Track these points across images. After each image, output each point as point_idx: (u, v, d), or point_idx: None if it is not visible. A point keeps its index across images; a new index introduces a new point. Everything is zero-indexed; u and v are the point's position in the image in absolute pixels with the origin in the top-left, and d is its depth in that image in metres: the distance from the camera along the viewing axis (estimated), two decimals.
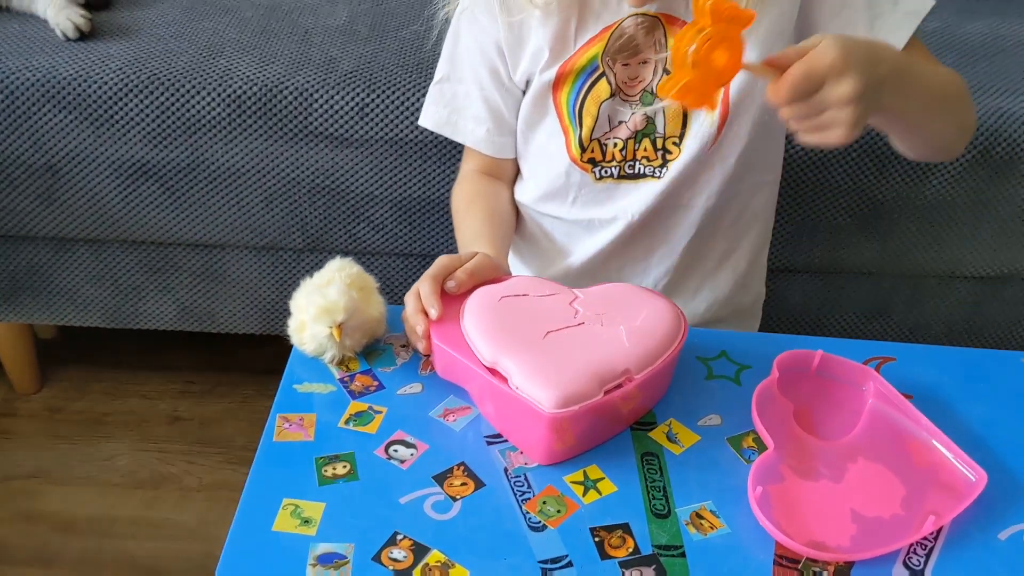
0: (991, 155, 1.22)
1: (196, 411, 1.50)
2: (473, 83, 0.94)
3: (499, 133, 0.95)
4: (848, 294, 1.36)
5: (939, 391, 0.81)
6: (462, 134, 0.96)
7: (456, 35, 0.94)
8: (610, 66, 0.88)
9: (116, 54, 1.20)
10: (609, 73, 0.88)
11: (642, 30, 0.86)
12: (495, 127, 0.95)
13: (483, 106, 0.94)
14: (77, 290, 1.36)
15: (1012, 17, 1.46)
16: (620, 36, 0.87)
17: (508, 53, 0.91)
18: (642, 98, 0.89)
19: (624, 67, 0.88)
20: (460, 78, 0.95)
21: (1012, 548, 0.68)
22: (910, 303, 1.37)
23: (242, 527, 0.66)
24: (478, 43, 0.92)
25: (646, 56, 0.88)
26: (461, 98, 0.95)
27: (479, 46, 0.92)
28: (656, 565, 0.65)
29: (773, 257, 1.26)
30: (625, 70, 0.88)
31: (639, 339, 0.75)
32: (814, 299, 1.36)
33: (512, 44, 0.90)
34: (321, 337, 0.78)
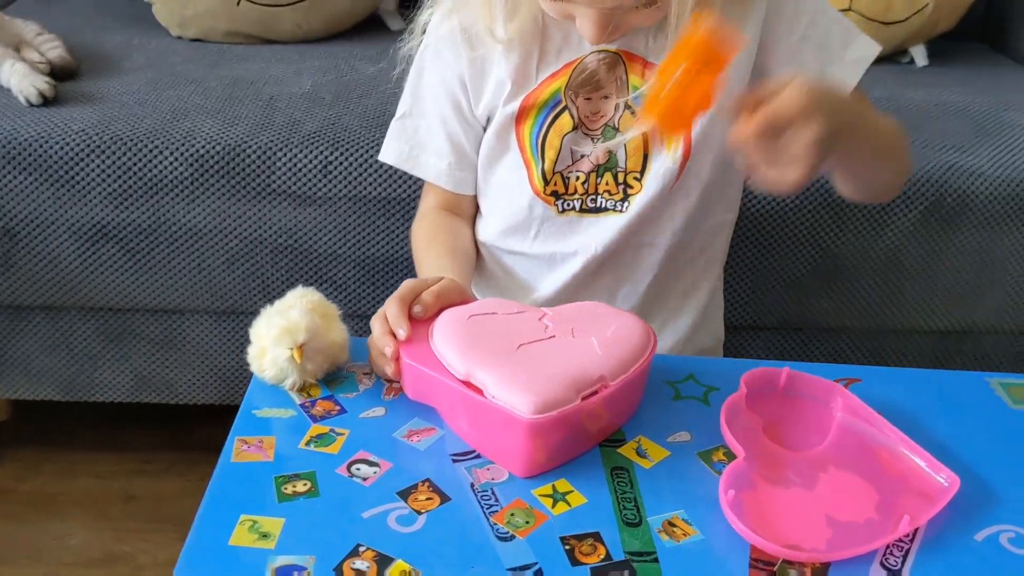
0: (941, 207, 1.26)
1: (152, 489, 1.45)
2: (436, 117, 0.96)
3: (460, 168, 0.97)
4: (809, 351, 1.37)
5: (906, 408, 0.81)
6: (423, 168, 0.97)
7: (419, 71, 0.96)
8: (572, 100, 0.90)
9: (79, 118, 1.21)
10: (572, 107, 0.91)
11: (604, 66, 0.89)
12: (456, 161, 0.96)
13: (445, 141, 0.96)
14: (31, 361, 1.33)
15: (951, 87, 1.54)
16: (582, 71, 0.90)
17: (471, 87, 0.93)
18: (604, 132, 0.91)
19: (586, 101, 0.90)
20: (422, 113, 0.97)
21: (988, 548, 0.67)
22: (871, 360, 1.38)
23: (196, 542, 0.64)
24: (441, 78, 0.94)
25: (608, 91, 0.90)
26: (423, 133, 0.97)
27: (442, 80, 0.94)
28: (629, 570, 0.63)
29: (733, 314, 1.28)
30: (587, 104, 0.90)
31: (611, 349, 0.75)
32: (775, 357, 1.37)
33: (475, 78, 0.92)
34: (282, 361, 0.76)
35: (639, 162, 0.92)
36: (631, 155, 0.92)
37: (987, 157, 1.29)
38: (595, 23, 0.81)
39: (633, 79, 0.89)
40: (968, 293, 1.33)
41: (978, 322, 1.36)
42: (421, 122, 0.97)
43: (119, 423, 1.57)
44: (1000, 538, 0.68)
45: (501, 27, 0.87)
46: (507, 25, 0.87)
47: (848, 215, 1.25)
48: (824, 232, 1.26)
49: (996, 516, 0.70)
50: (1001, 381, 0.86)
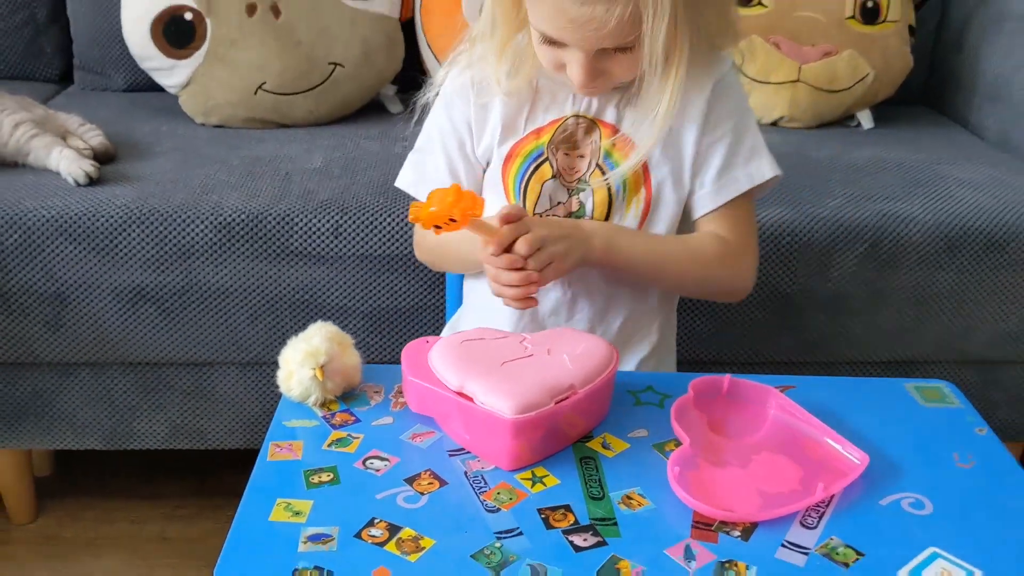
0: (879, 250, 1.42)
1: (183, 532, 1.59)
2: (441, 154, 1.10)
3: None
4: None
5: (832, 408, 0.94)
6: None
7: (435, 114, 1.11)
8: (554, 153, 1.06)
9: (119, 195, 1.39)
10: (552, 159, 1.06)
11: (581, 129, 1.06)
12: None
13: (447, 174, 1.10)
14: (76, 413, 1.48)
15: (892, 146, 1.72)
16: (564, 131, 1.06)
17: (475, 129, 1.08)
18: (578, 184, 1.08)
19: (565, 156, 1.06)
20: (431, 150, 1.11)
21: (891, 510, 0.81)
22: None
23: (243, 519, 0.78)
24: (451, 120, 1.09)
25: (583, 151, 1.06)
26: (430, 167, 1.11)
27: (451, 122, 1.09)
28: (593, 531, 0.77)
29: (694, 351, 1.42)
30: (566, 159, 1.07)
31: (580, 363, 0.89)
32: None
33: (479, 122, 1.08)
34: (306, 380, 0.92)
35: (603, 213, 1.08)
36: (597, 206, 1.07)
37: (919, 205, 1.46)
38: (583, 66, 0.95)
39: (604, 143, 1.06)
40: (910, 328, 1.48)
41: (920, 354, 1.50)
42: (429, 158, 1.11)
43: (151, 473, 1.71)
44: (902, 503, 0.82)
45: (505, 80, 1.04)
46: (510, 80, 1.04)
47: (795, 259, 1.41)
48: (774, 274, 1.41)
49: (900, 486, 0.84)
50: (915, 385, 1.01)
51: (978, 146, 1.76)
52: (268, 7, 1.73)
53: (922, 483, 0.85)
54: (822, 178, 1.55)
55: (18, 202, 1.35)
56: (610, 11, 0.90)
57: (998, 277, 1.45)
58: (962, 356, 1.51)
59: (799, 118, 1.80)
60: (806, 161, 1.63)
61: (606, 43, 0.94)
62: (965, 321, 1.48)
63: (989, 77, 1.80)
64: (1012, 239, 1.43)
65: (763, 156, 1.08)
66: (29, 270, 1.35)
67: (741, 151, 1.07)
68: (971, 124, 1.87)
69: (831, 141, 1.73)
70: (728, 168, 1.07)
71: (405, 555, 0.74)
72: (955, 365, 1.53)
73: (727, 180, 1.07)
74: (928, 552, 0.77)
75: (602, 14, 0.90)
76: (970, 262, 1.43)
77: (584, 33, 0.93)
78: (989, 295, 1.46)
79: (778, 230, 1.40)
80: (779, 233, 1.40)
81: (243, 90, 1.72)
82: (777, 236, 1.40)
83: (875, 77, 1.79)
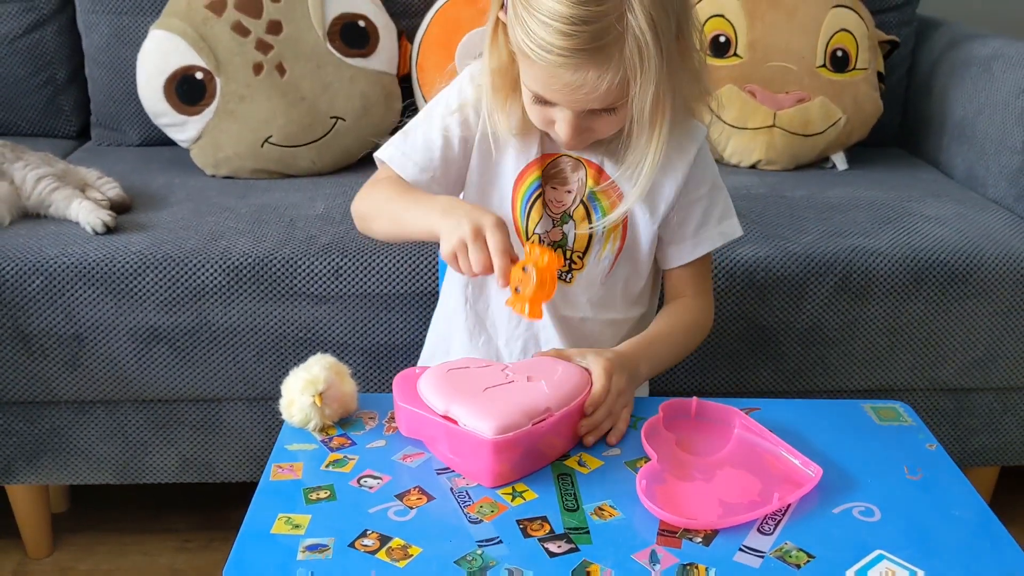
0: (849, 284, 1.50)
1: (193, 563, 1.66)
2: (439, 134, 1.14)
3: (437, 183, 1.14)
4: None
5: (793, 428, 1.02)
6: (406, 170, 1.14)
7: (445, 103, 1.15)
8: (544, 184, 1.15)
9: (135, 241, 1.48)
10: (543, 190, 1.15)
11: (569, 167, 1.15)
12: (439, 176, 1.14)
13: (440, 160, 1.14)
14: (91, 449, 1.56)
15: (864, 186, 1.80)
16: (555, 166, 1.15)
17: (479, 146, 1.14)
18: (562, 217, 1.16)
19: (553, 190, 1.15)
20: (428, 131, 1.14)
21: (843, 518, 0.89)
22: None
23: (247, 531, 0.85)
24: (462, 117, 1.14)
25: (570, 187, 1.15)
26: (420, 147, 1.14)
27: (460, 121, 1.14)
28: (567, 539, 0.84)
29: (675, 382, 1.48)
30: (554, 192, 1.15)
31: (556, 389, 0.97)
32: None
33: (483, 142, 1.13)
34: (306, 407, 1.00)
35: (583, 245, 1.17)
36: (578, 239, 1.16)
37: (887, 240, 1.54)
38: (570, 124, 1.02)
39: (589, 182, 1.14)
40: (883, 356, 1.55)
41: (894, 382, 1.57)
42: (419, 140, 1.14)
43: (163, 508, 1.78)
44: (853, 511, 0.90)
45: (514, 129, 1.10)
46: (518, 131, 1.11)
47: (771, 292, 1.49)
48: (751, 307, 1.49)
49: (852, 496, 0.92)
50: (872, 406, 1.09)
51: (946, 184, 1.85)
52: (274, 66, 1.84)
53: (873, 493, 0.92)
54: (797, 216, 1.63)
55: (41, 250, 1.45)
56: (601, 77, 0.97)
57: (963, 307, 1.52)
58: (934, 384, 1.58)
59: (776, 161, 1.89)
60: (782, 201, 1.71)
61: (595, 105, 1.01)
62: (935, 350, 1.55)
63: (956, 119, 1.89)
64: (975, 271, 1.51)
65: (732, 217, 1.19)
66: (50, 313, 1.44)
67: (715, 212, 1.18)
68: (941, 164, 1.95)
69: (807, 182, 1.82)
70: (703, 227, 1.17)
71: (395, 562, 0.81)
72: (928, 393, 1.60)
73: (702, 237, 1.18)
74: (875, 554, 0.84)
75: (594, 80, 0.97)
76: (936, 293, 1.51)
77: (576, 96, 1.00)
78: (956, 324, 1.53)
79: (755, 265, 1.48)
80: (756, 268, 1.48)
81: (251, 143, 1.82)
82: (754, 270, 1.48)
83: (847, 121, 1.88)
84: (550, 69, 0.98)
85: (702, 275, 1.21)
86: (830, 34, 1.89)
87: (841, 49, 1.89)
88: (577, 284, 1.18)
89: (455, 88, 1.16)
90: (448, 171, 1.15)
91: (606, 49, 0.95)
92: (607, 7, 0.94)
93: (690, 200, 1.16)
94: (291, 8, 1.86)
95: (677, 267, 1.19)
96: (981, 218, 1.63)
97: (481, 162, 1.16)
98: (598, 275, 1.18)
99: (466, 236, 0.97)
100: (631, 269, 1.19)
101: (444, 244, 0.99)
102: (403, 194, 1.11)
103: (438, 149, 1.14)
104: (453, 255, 0.98)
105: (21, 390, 1.49)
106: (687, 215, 1.17)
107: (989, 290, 1.52)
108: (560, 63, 0.96)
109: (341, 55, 1.88)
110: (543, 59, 0.97)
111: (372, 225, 1.17)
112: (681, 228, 1.17)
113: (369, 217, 1.17)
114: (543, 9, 0.95)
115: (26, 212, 1.57)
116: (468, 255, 0.97)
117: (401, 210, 1.10)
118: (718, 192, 1.18)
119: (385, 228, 1.15)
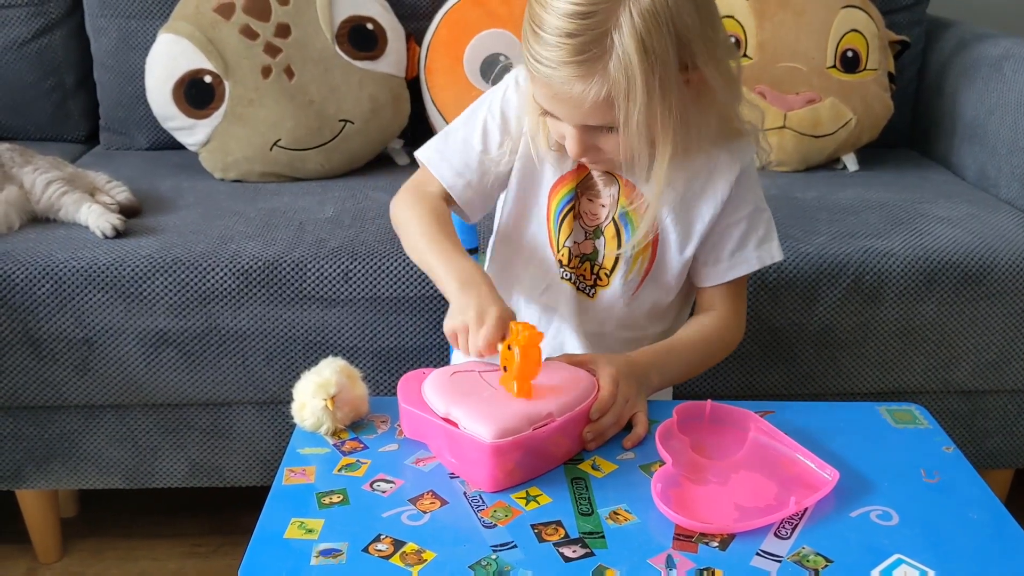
0: (862, 285, 1.49)
1: (202, 568, 1.65)
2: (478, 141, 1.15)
3: (472, 190, 1.15)
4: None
5: (808, 430, 1.01)
6: (443, 175, 1.15)
7: (489, 108, 1.15)
8: (579, 195, 1.15)
9: (144, 245, 1.47)
10: (578, 202, 1.15)
11: (602, 180, 1.14)
12: (475, 183, 1.15)
13: (477, 167, 1.15)
14: (101, 454, 1.55)
15: (876, 188, 1.79)
16: (589, 178, 1.15)
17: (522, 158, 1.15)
18: (594, 231, 1.16)
19: (589, 202, 1.15)
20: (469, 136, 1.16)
21: (860, 521, 0.88)
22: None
23: (260, 536, 0.85)
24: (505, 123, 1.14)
25: (604, 200, 1.15)
26: (458, 151, 1.16)
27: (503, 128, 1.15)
28: (582, 543, 0.84)
29: (687, 386, 1.46)
30: (589, 204, 1.15)
31: (560, 394, 0.96)
32: None
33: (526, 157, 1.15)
34: (318, 411, 0.99)
35: (611, 262, 1.16)
36: (607, 255, 1.16)
37: (900, 241, 1.53)
38: (574, 139, 1.03)
39: (622, 199, 1.13)
40: (896, 359, 1.54)
41: (908, 384, 1.56)
42: (459, 143, 1.16)
43: (171, 513, 1.78)
44: (870, 515, 0.89)
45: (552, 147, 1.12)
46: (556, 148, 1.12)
47: (781, 294, 1.48)
48: (764, 309, 1.49)
49: (869, 500, 0.91)
50: (887, 408, 1.08)
51: (958, 185, 1.84)
52: (282, 69, 1.83)
53: (890, 497, 0.92)
54: (808, 218, 1.62)
55: (50, 254, 1.45)
56: (585, 91, 0.98)
57: (977, 309, 1.51)
58: (948, 386, 1.57)
59: (786, 162, 1.88)
60: (793, 202, 1.70)
61: (588, 120, 1.01)
62: (948, 352, 1.54)
63: (967, 120, 1.88)
64: (988, 272, 1.50)
65: (773, 241, 1.18)
66: (60, 317, 1.44)
67: (754, 236, 1.16)
68: (952, 165, 1.94)
69: (817, 183, 1.81)
70: (741, 249, 1.16)
71: (409, 567, 0.80)
72: (942, 395, 1.59)
73: (739, 259, 1.16)
74: (893, 558, 0.83)
75: (579, 93, 0.98)
76: (949, 294, 1.50)
77: (566, 109, 1.02)
78: (969, 326, 1.52)
79: (767, 267, 1.47)
80: (767, 269, 1.47)
81: (259, 147, 1.82)
82: (765, 272, 1.47)
83: (857, 122, 1.87)
84: (542, 80, 1.00)
85: (735, 294, 1.20)
86: (840, 34, 1.88)
87: (851, 50, 1.88)
88: (600, 300, 1.18)
89: (500, 91, 1.17)
90: (484, 177, 1.16)
91: (588, 64, 0.96)
92: (593, 22, 0.95)
93: (729, 223, 1.15)
94: (299, 11, 1.86)
95: (710, 287, 1.19)
96: (994, 219, 1.62)
97: (523, 176, 1.16)
98: (623, 294, 1.17)
99: (470, 321, 0.99)
100: (658, 291, 1.19)
101: (449, 321, 1.02)
102: (435, 237, 1.11)
103: (476, 154, 1.15)
104: (454, 335, 1.01)
105: (31, 395, 1.49)
106: (724, 237, 1.15)
107: (1003, 291, 1.51)
108: (550, 75, 0.98)
109: (349, 58, 1.87)
110: (536, 69, 1.00)
111: (401, 238, 1.19)
112: (717, 250, 1.16)
113: (400, 231, 1.19)
114: (539, 21, 0.98)
115: (35, 216, 1.57)
116: (467, 338, 0.99)
117: (427, 253, 1.11)
118: (759, 215, 1.16)
119: (409, 252, 1.17)
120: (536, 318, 1.20)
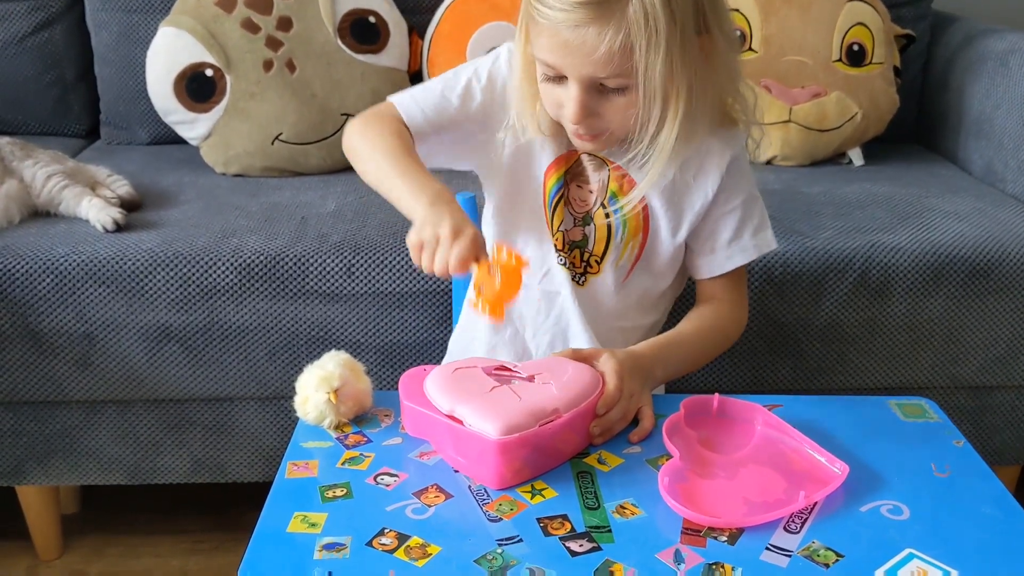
0: (868, 280, 1.48)
1: (204, 565, 1.64)
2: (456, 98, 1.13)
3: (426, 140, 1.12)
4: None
5: (817, 424, 1.00)
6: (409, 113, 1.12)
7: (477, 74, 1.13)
8: (569, 182, 1.13)
9: (146, 240, 1.46)
10: (567, 188, 1.13)
11: (591, 166, 1.13)
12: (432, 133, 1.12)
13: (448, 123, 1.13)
14: (102, 450, 1.54)
15: (881, 182, 1.78)
16: (579, 164, 1.13)
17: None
18: (584, 218, 1.14)
19: (578, 188, 1.13)
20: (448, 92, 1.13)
21: (870, 516, 0.87)
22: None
23: (262, 530, 0.84)
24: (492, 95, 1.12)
25: (592, 187, 1.13)
26: (432, 103, 1.13)
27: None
28: (589, 538, 0.83)
29: (693, 380, 1.46)
30: (578, 191, 1.13)
31: (565, 389, 0.94)
32: None
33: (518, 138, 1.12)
34: (321, 404, 0.98)
35: (601, 249, 1.15)
36: (598, 241, 1.14)
37: (906, 236, 1.52)
38: (577, 100, 0.99)
39: (612, 184, 1.12)
40: (903, 354, 1.53)
41: (915, 380, 1.55)
42: (436, 95, 1.13)
43: (174, 509, 1.77)
44: (881, 509, 0.87)
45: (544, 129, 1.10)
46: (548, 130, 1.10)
47: (788, 288, 1.47)
48: (770, 304, 1.47)
49: (879, 495, 0.89)
50: (897, 402, 1.06)
51: (964, 180, 1.83)
52: (284, 63, 1.82)
53: (901, 491, 0.90)
54: (814, 212, 1.61)
55: (51, 248, 1.44)
56: (600, 35, 0.94)
57: (984, 304, 1.50)
58: (956, 381, 1.56)
59: (792, 156, 1.87)
60: (799, 196, 1.69)
61: (599, 72, 0.97)
62: (956, 347, 1.53)
63: (973, 114, 1.87)
64: (995, 267, 1.48)
65: (767, 229, 1.16)
66: (60, 312, 1.43)
67: (749, 225, 1.15)
68: (958, 159, 1.93)
69: (823, 178, 1.80)
70: (738, 238, 1.14)
71: (413, 561, 0.79)
72: (950, 391, 1.58)
73: (736, 248, 1.15)
74: (905, 553, 0.82)
75: (593, 38, 0.94)
76: (957, 289, 1.49)
77: (576, 60, 0.97)
78: (977, 321, 1.51)
79: (773, 261, 1.46)
80: (774, 264, 1.46)
81: (261, 141, 1.81)
82: (772, 267, 1.46)
83: (863, 116, 1.86)
84: (552, 27, 0.96)
85: (735, 285, 1.18)
86: (846, 28, 1.87)
87: (857, 43, 1.87)
88: (591, 288, 1.16)
89: (490, 58, 1.14)
90: (456, 132, 1.13)
91: (605, 5, 0.93)
92: None
93: (723, 211, 1.13)
94: (301, 5, 1.85)
95: (709, 279, 1.17)
96: (1001, 214, 1.61)
97: (516, 160, 1.14)
98: (614, 281, 1.16)
99: (443, 235, 0.95)
100: (649, 277, 1.17)
101: (416, 232, 0.98)
102: (402, 156, 1.07)
103: (452, 109, 1.12)
104: (420, 244, 0.97)
105: (31, 390, 1.48)
106: (719, 226, 1.14)
107: (1010, 286, 1.50)
108: (560, 19, 0.95)
109: (351, 51, 1.86)
110: (545, 16, 0.96)
111: (358, 165, 1.14)
112: (712, 240, 1.15)
113: (359, 157, 1.13)
114: None
115: (36, 210, 1.56)
116: (434, 252, 0.96)
117: (392, 172, 1.06)
118: (753, 203, 1.15)
119: (369, 177, 1.12)
120: (537, 307, 1.18)
